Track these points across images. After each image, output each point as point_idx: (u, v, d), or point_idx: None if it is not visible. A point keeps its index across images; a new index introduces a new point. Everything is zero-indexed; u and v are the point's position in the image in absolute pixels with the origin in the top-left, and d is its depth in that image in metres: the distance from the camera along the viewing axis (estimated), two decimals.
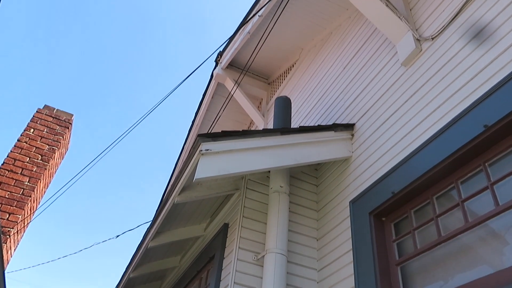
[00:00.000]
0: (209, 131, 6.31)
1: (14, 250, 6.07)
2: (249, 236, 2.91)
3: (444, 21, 2.76)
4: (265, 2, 4.39)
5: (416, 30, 3.01)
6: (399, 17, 3.04)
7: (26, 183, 5.92)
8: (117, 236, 5.70)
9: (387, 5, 3.09)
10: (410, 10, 3.21)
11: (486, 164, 2.13)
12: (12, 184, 5.80)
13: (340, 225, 2.92)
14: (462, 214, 2.16)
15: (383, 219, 2.68)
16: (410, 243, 2.45)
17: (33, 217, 6.35)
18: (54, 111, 6.85)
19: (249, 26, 4.85)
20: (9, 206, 5.62)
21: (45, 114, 6.71)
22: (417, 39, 2.92)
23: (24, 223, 5.87)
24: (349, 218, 2.86)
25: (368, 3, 3.22)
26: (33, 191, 5.93)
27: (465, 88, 2.32)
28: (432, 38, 2.80)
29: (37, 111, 6.68)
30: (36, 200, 6.30)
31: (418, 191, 2.45)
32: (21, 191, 5.82)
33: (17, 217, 5.62)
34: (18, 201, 5.71)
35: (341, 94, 3.79)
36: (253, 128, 6.36)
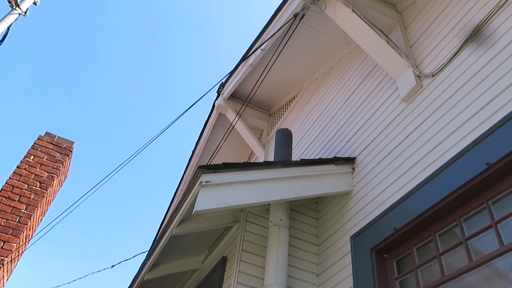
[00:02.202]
0: (209, 162, 6.30)
1: (7, 279, 5.93)
2: (247, 271, 2.85)
3: (444, 58, 2.80)
4: (268, 37, 4.47)
5: (417, 66, 3.06)
6: (400, 54, 3.09)
7: (23, 210, 5.85)
8: (112, 266, 5.57)
9: (387, 42, 3.15)
10: (411, 47, 3.26)
11: (489, 202, 2.10)
12: (9, 211, 5.73)
13: (341, 261, 2.87)
14: (466, 252, 2.12)
15: (385, 255, 2.63)
16: (413, 281, 2.39)
17: (28, 245, 6.25)
18: (55, 138, 6.85)
19: (251, 59, 4.92)
20: (4, 234, 5.53)
21: (46, 141, 6.70)
22: (418, 76, 2.96)
23: (18, 252, 5.76)
24: (350, 253, 2.81)
25: (369, 40, 3.28)
26: (30, 219, 5.85)
27: (467, 125, 2.32)
28: (433, 75, 2.83)
29: (38, 138, 6.68)
30: (32, 228, 6.21)
31: (421, 227, 2.41)
32: (18, 219, 5.74)
33: (12, 245, 5.52)
34: (13, 229, 5.62)
35: (342, 127, 3.80)
36: (253, 159, 6.35)
